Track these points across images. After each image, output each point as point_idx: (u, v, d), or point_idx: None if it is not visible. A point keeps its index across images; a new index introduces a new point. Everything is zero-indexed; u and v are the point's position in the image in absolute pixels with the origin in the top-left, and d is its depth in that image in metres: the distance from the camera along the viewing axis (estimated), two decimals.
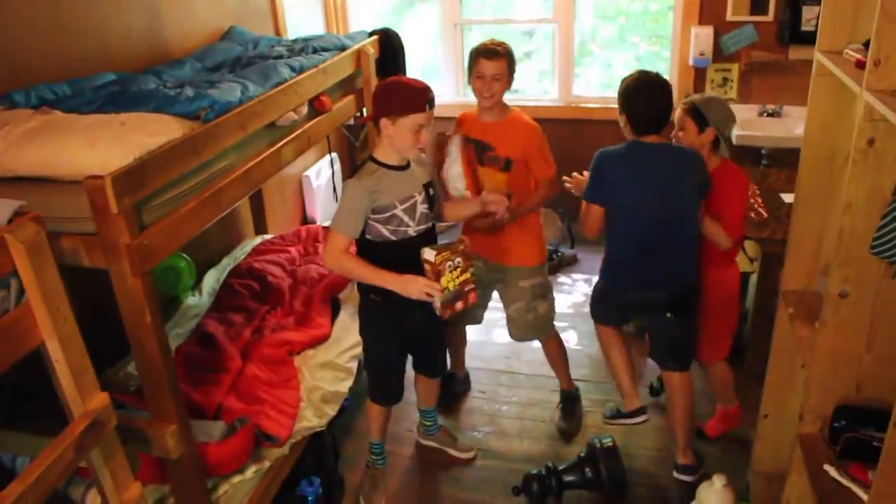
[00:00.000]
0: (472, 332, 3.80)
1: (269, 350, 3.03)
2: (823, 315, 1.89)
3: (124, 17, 3.07)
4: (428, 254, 2.37)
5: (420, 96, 2.41)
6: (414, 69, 4.50)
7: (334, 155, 4.60)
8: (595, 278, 3.13)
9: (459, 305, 2.48)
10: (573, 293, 4.54)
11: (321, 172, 4.84)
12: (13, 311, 1.55)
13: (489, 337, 4.07)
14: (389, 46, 3.85)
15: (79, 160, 1.91)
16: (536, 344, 3.41)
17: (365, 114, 3.56)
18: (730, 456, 3.08)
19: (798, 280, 2.45)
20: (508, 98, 3.05)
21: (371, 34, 3.82)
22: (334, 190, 4.63)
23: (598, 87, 5.17)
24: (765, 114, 4.44)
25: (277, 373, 2.93)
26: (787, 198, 3.44)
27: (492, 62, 2.88)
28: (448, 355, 3.21)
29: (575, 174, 3.01)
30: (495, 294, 3.34)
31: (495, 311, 3.82)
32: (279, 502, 2.73)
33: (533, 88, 5.40)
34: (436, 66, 5.36)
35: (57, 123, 2.11)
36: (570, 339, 3.99)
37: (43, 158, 1.95)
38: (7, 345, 1.52)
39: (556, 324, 3.33)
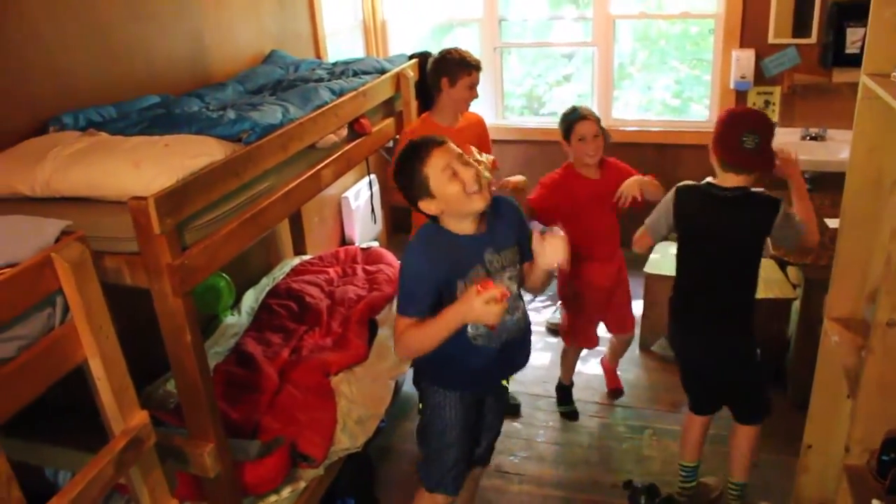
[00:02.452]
0: None
1: (307, 371, 3.03)
2: (871, 343, 1.84)
3: (168, 42, 3.13)
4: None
5: None
6: None
7: (373, 177, 4.63)
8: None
9: None
10: None
11: (360, 194, 4.87)
12: (58, 329, 1.58)
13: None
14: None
15: (123, 181, 1.94)
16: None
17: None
18: (771, 485, 3.01)
19: (843, 307, 2.40)
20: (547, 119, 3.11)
21: (411, 57, 3.85)
22: (372, 211, 4.66)
23: (638, 111, 5.14)
24: (807, 137, 4.38)
25: (314, 393, 2.94)
26: (831, 223, 3.38)
27: (478, 74, 3.22)
28: None
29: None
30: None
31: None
32: None
33: None
34: None
35: (103, 145, 2.16)
36: None
37: (89, 180, 1.99)
38: (52, 361, 1.55)
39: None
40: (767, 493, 2.91)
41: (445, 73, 3.15)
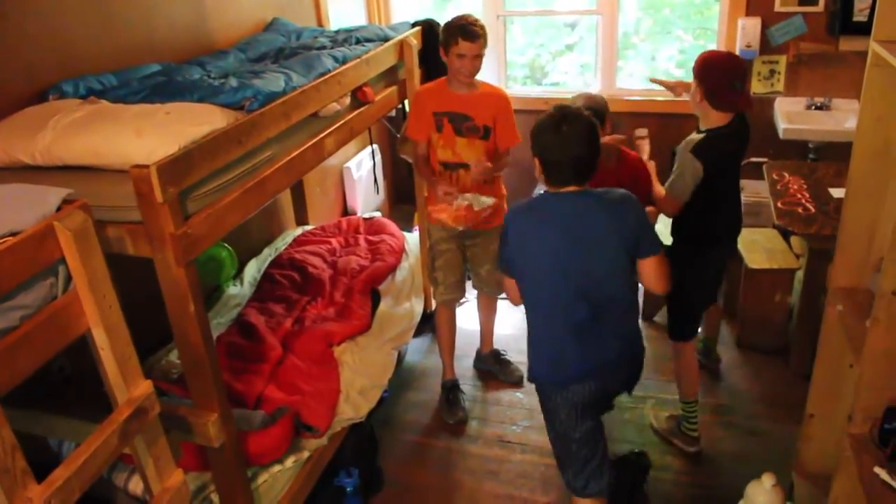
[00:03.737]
0: (511, 326, 3.78)
1: (310, 341, 3.04)
2: (875, 313, 1.84)
3: (169, 9, 3.09)
4: None
5: None
6: None
7: (375, 146, 4.60)
8: None
9: None
10: None
11: (362, 164, 4.84)
12: (61, 298, 1.57)
13: None
14: (432, 38, 3.82)
15: (125, 149, 1.92)
16: None
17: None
18: (773, 454, 3.03)
19: (848, 277, 2.39)
20: (550, 90, 3.04)
21: (413, 25, 3.81)
22: (375, 181, 4.63)
23: (641, 80, 5.09)
24: (812, 107, 4.33)
25: (317, 363, 2.95)
26: (836, 192, 3.36)
27: (473, 44, 2.96)
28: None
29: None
30: None
31: None
32: (318, 493, 2.75)
33: (575, 81, 5.34)
34: None
35: (104, 113, 2.14)
36: None
37: (90, 148, 1.98)
38: (55, 331, 1.54)
39: None
40: (769, 463, 2.92)
41: (441, 41, 3.08)
